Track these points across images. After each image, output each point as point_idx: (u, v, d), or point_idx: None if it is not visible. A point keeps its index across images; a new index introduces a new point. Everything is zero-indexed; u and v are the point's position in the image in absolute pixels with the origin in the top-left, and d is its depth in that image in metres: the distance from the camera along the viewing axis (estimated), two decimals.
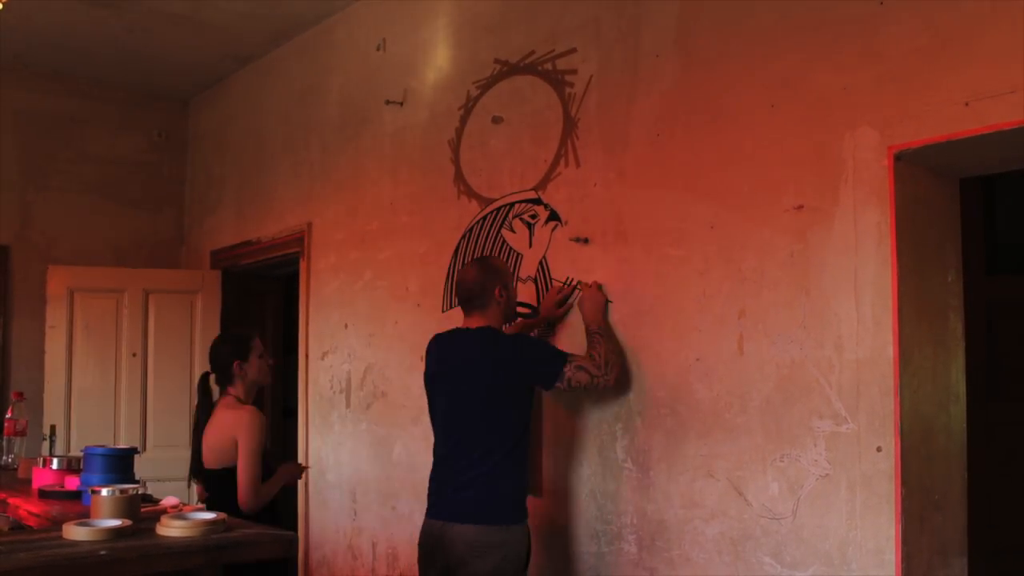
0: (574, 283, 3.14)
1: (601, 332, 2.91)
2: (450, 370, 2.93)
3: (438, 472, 2.93)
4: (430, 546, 2.87)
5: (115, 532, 2.20)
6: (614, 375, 2.84)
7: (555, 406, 3.21)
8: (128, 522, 2.29)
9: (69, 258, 5.42)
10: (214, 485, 3.18)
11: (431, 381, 3.02)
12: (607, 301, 3.01)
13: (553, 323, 3.21)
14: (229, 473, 3.10)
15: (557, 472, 3.19)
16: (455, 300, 3.67)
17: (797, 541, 2.46)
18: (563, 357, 2.81)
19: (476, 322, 2.93)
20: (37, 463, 3.37)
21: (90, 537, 2.16)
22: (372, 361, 4.15)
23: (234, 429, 3.13)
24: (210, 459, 3.16)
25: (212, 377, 3.34)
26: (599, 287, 3.03)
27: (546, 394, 3.16)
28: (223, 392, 3.29)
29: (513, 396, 2.83)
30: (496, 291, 2.92)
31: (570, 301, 3.16)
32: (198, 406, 3.30)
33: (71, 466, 3.32)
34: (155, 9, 4.58)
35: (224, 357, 3.27)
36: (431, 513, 2.90)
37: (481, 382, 2.83)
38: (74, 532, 2.18)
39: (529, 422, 2.89)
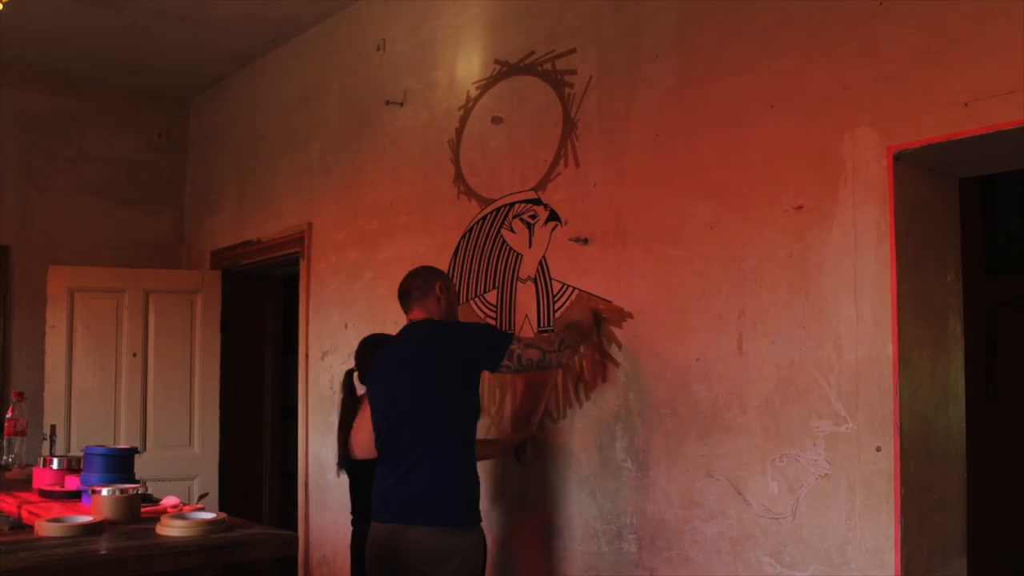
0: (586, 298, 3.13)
1: (573, 326, 2.96)
2: (393, 364, 2.86)
3: (382, 471, 2.83)
4: (380, 551, 2.77)
5: (86, 528, 2.20)
6: (567, 356, 2.85)
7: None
8: (100, 518, 2.29)
9: (69, 258, 5.42)
10: (355, 471, 3.30)
11: (371, 380, 2.96)
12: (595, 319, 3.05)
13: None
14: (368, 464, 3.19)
15: (557, 472, 3.19)
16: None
17: (797, 541, 2.46)
18: (509, 336, 2.82)
19: (419, 315, 2.90)
20: (36, 464, 3.37)
21: (60, 533, 2.16)
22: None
23: None
24: (365, 450, 3.18)
25: (356, 375, 3.44)
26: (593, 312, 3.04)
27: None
28: None
29: (458, 384, 2.77)
30: (437, 286, 2.91)
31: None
32: (344, 402, 3.41)
33: (71, 466, 3.32)
34: (155, 9, 4.58)
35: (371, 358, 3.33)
36: (379, 516, 2.80)
37: (426, 372, 2.76)
38: (47, 529, 2.18)
39: (475, 417, 2.84)
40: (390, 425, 2.83)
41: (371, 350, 3.33)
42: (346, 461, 3.28)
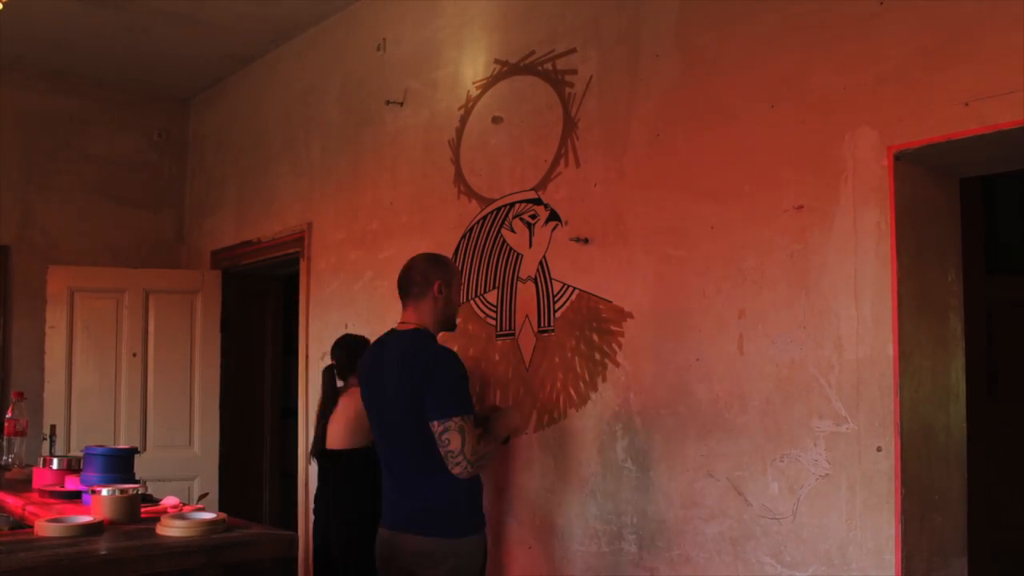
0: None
1: (496, 439, 2.81)
2: (382, 374, 2.76)
3: (385, 480, 2.81)
4: (384, 556, 2.78)
5: (86, 528, 2.20)
6: (469, 471, 2.60)
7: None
8: (100, 519, 2.29)
9: (69, 258, 5.42)
10: (342, 464, 3.45)
11: (365, 387, 2.87)
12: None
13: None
14: (357, 453, 3.39)
15: (557, 472, 3.19)
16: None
17: (797, 541, 2.46)
18: (460, 409, 2.60)
19: (410, 317, 2.77)
20: (47, 464, 3.37)
21: (60, 533, 2.16)
22: None
23: (358, 404, 3.26)
24: (338, 441, 3.39)
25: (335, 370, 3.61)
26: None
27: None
28: (347, 384, 3.55)
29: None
30: (436, 285, 2.75)
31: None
32: (324, 395, 3.53)
33: (71, 466, 3.32)
34: (155, 9, 4.58)
35: (354, 354, 3.49)
36: (383, 521, 2.80)
37: (400, 389, 2.67)
38: (47, 529, 2.18)
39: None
40: (386, 436, 2.79)
41: (353, 346, 3.54)
42: (318, 449, 3.40)
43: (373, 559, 2.86)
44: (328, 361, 3.85)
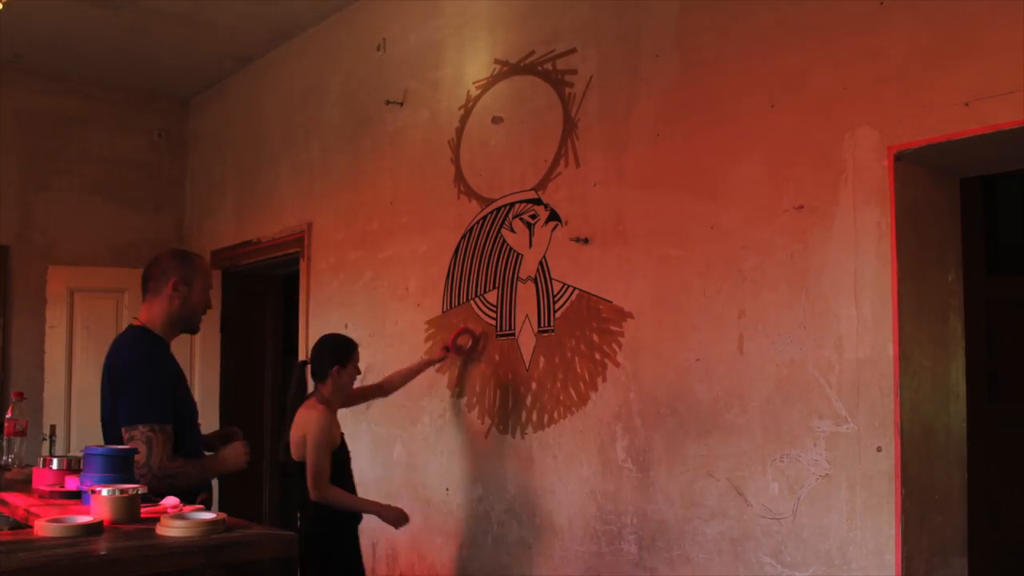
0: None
1: (206, 468, 2.64)
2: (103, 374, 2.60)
3: None
4: None
5: (85, 528, 2.20)
6: (161, 480, 2.50)
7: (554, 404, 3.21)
8: (99, 519, 2.29)
9: (69, 258, 5.42)
10: (296, 474, 3.33)
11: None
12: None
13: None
14: (301, 467, 3.26)
15: (557, 472, 3.19)
16: (455, 300, 3.68)
17: (797, 541, 2.46)
18: (149, 416, 2.42)
19: (142, 312, 2.63)
20: (47, 464, 3.36)
21: (60, 533, 2.16)
22: (372, 361, 4.14)
23: (305, 427, 3.23)
24: (295, 453, 3.30)
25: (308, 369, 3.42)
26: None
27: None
28: (314, 390, 3.35)
29: None
30: (172, 282, 2.57)
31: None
32: (294, 393, 3.40)
33: (71, 466, 3.31)
34: (155, 9, 4.58)
35: (327, 359, 3.29)
36: None
37: (107, 389, 2.54)
38: (46, 529, 2.18)
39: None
40: (105, 436, 2.68)
41: (329, 352, 3.34)
42: (285, 455, 3.34)
43: (349, 559, 2.94)
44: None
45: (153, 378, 2.52)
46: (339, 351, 3.31)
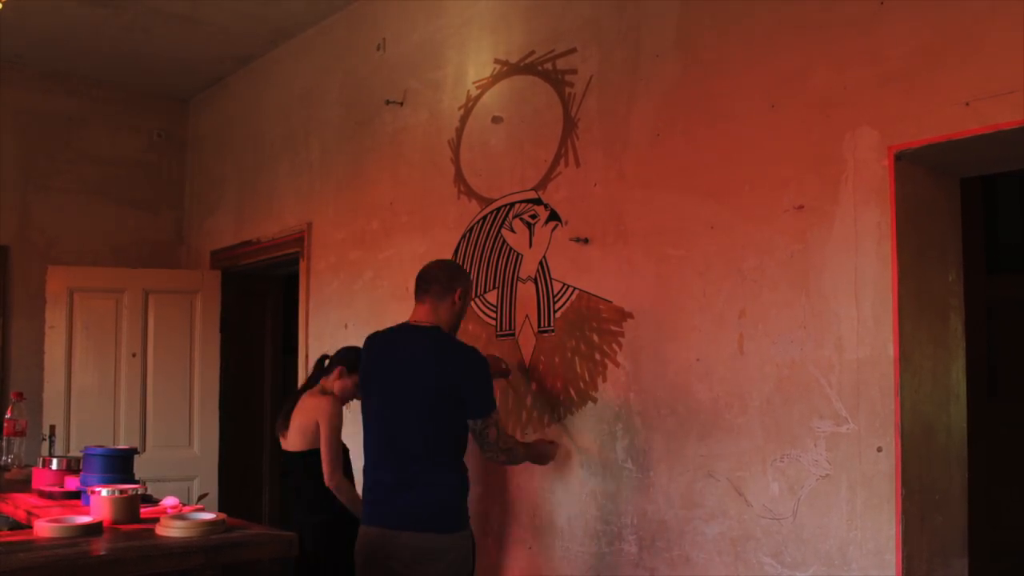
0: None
1: (528, 453, 3.00)
2: (392, 366, 2.80)
3: (375, 474, 2.81)
4: (370, 553, 2.76)
5: (85, 528, 2.20)
6: (502, 458, 2.88)
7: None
8: (99, 519, 2.29)
9: (69, 258, 5.42)
10: (297, 466, 3.37)
11: (367, 379, 2.90)
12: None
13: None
14: (309, 455, 3.29)
15: (557, 472, 3.19)
16: None
17: (797, 541, 2.46)
18: (494, 404, 2.77)
19: (426, 315, 2.80)
20: (46, 464, 3.37)
21: (59, 534, 2.16)
22: None
23: (317, 412, 3.30)
24: (294, 443, 3.34)
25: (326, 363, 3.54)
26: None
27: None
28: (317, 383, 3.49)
29: (450, 404, 2.73)
30: (458, 291, 2.83)
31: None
32: (308, 382, 3.51)
33: (71, 466, 3.32)
34: (155, 9, 4.58)
35: (334, 364, 3.46)
36: (369, 519, 2.78)
37: (424, 382, 2.72)
38: (46, 529, 2.18)
39: (466, 431, 2.79)
40: (386, 431, 2.80)
41: (353, 353, 3.39)
42: (280, 451, 3.38)
43: (348, 555, 2.94)
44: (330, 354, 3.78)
45: (489, 373, 2.85)
46: (346, 361, 3.43)
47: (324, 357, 3.56)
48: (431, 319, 2.81)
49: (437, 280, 2.83)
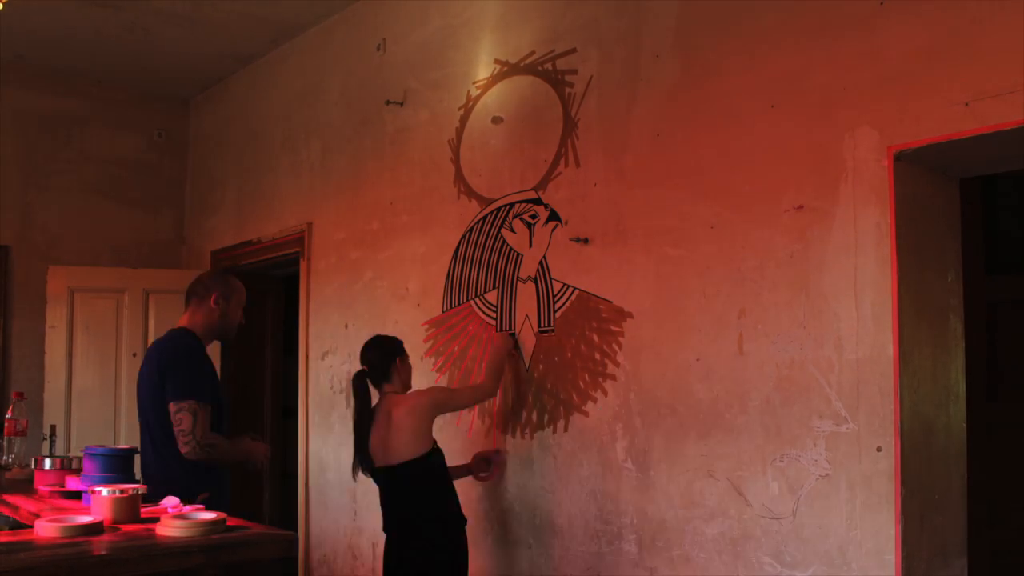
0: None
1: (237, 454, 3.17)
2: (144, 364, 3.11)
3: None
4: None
5: (85, 528, 2.20)
6: (202, 449, 2.93)
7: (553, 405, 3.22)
8: (99, 519, 2.29)
9: (69, 258, 5.42)
10: (397, 479, 3.09)
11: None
12: None
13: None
14: (415, 464, 3.04)
15: (557, 471, 3.19)
16: (455, 300, 3.68)
17: (797, 541, 2.46)
18: (197, 394, 2.91)
19: (183, 319, 3.12)
20: (39, 464, 3.37)
21: (60, 533, 2.16)
22: None
23: (412, 406, 3.07)
24: (391, 456, 3.07)
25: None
26: None
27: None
28: (383, 391, 3.20)
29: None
30: (213, 296, 3.10)
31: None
32: (360, 406, 3.16)
33: (71, 466, 3.31)
34: (155, 9, 4.58)
35: (390, 356, 3.19)
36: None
37: (154, 374, 3.00)
38: (46, 529, 2.18)
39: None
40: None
41: (386, 351, 3.21)
42: (371, 468, 3.13)
43: (460, 567, 3.04)
44: (349, 364, 3.62)
45: (198, 366, 2.99)
46: (394, 348, 3.22)
47: (363, 372, 3.22)
48: (184, 322, 3.13)
49: (194, 291, 3.15)
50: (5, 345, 5.28)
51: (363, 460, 3.12)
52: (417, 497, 3.06)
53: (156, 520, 2.33)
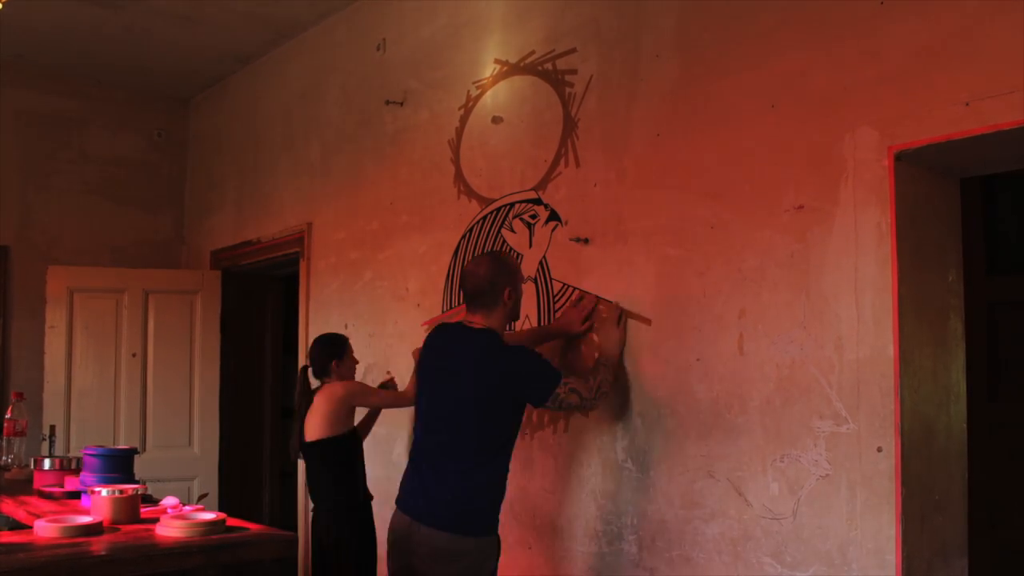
0: (595, 301, 3.07)
1: (608, 364, 2.88)
2: (445, 366, 2.82)
3: (415, 465, 2.84)
4: (397, 539, 2.81)
5: (85, 528, 2.20)
6: (600, 403, 2.89)
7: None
8: (99, 519, 2.29)
9: (69, 258, 5.42)
10: (309, 456, 3.40)
11: (424, 371, 2.93)
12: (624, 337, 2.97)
13: (572, 338, 3.13)
14: (333, 441, 3.32)
15: (557, 472, 3.19)
16: (455, 300, 3.68)
17: (797, 541, 2.46)
18: (558, 377, 2.71)
19: (479, 321, 2.81)
20: (39, 464, 3.37)
21: (59, 534, 2.16)
22: (372, 361, 4.15)
23: (332, 394, 3.32)
24: (314, 433, 3.33)
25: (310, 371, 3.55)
26: (619, 316, 2.96)
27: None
28: (323, 383, 3.49)
29: (503, 409, 2.75)
30: (506, 292, 2.78)
31: (591, 320, 3.07)
32: (300, 394, 3.47)
33: (71, 466, 3.32)
34: (155, 9, 4.58)
35: (329, 355, 3.48)
36: (402, 505, 2.83)
37: (473, 389, 2.73)
38: (46, 529, 2.18)
39: (514, 435, 2.82)
40: (429, 424, 2.86)
41: (325, 350, 3.47)
42: (299, 446, 3.39)
43: (361, 541, 3.16)
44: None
45: (534, 355, 2.81)
46: (333, 349, 3.47)
47: (306, 368, 3.53)
48: (483, 323, 2.81)
49: (482, 291, 2.80)
50: (5, 345, 5.28)
51: (295, 442, 3.43)
52: (323, 473, 3.37)
53: (156, 520, 2.34)
